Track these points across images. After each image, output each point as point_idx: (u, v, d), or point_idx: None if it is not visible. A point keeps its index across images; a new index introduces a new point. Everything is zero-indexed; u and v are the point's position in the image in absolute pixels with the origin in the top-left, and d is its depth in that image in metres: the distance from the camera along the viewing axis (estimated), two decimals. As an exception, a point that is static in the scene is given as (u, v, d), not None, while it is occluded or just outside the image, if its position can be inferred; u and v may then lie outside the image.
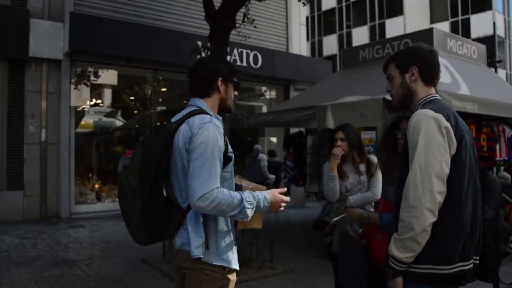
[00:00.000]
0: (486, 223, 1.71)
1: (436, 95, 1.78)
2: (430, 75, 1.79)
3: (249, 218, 1.81)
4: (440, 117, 1.60)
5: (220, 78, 2.00)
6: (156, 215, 1.85)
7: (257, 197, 1.83)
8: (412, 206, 1.55)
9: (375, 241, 2.24)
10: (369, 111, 4.80)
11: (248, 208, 1.78)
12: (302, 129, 8.32)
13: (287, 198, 1.93)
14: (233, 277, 1.95)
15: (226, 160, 1.90)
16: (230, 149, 1.95)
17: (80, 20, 8.28)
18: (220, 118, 2.02)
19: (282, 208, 1.92)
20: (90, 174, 9.78)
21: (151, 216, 1.84)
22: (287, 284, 4.54)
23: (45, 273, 4.70)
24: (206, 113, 1.93)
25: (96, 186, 9.58)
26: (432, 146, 1.56)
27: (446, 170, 1.56)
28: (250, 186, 2.03)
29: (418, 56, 1.79)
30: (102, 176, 9.97)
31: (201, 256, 1.81)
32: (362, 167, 3.21)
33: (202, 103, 1.99)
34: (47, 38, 8.17)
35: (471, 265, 1.63)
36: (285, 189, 2.01)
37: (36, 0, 8.28)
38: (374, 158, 3.26)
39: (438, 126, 1.58)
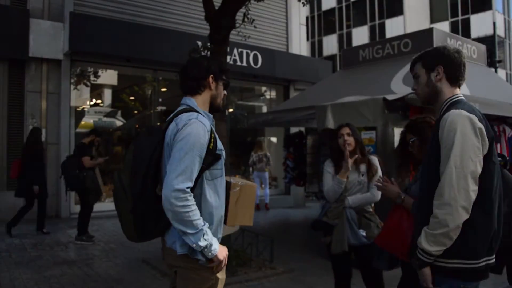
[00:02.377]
0: (504, 219, 1.78)
1: (461, 96, 1.83)
2: (456, 75, 1.83)
3: (194, 246, 1.78)
4: (474, 118, 1.65)
5: (211, 75, 2.04)
6: (146, 213, 1.88)
7: (211, 239, 1.82)
8: (448, 203, 1.60)
9: (399, 227, 2.29)
10: (369, 111, 4.79)
11: (200, 239, 1.77)
12: (302, 129, 8.32)
13: (224, 262, 1.91)
14: (222, 275, 1.96)
15: (215, 157, 1.91)
16: (219, 146, 1.96)
17: (80, 20, 8.27)
18: (211, 116, 2.04)
19: (219, 267, 1.90)
20: (90, 174, 9.76)
21: (141, 213, 1.87)
22: (287, 284, 4.54)
23: (45, 273, 4.70)
24: (196, 111, 1.96)
25: (96, 186, 9.56)
26: (468, 146, 1.62)
27: (479, 169, 1.63)
28: (239, 183, 2.05)
29: (444, 55, 1.84)
30: (102, 176, 9.95)
31: (187, 253, 1.84)
32: (363, 168, 3.18)
33: (192, 101, 2.02)
34: (47, 38, 8.17)
35: (494, 259, 1.71)
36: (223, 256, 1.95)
37: (36, 0, 8.28)
38: (375, 159, 3.24)
39: (473, 126, 1.63)
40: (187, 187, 1.76)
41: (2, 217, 7.53)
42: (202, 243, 1.78)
